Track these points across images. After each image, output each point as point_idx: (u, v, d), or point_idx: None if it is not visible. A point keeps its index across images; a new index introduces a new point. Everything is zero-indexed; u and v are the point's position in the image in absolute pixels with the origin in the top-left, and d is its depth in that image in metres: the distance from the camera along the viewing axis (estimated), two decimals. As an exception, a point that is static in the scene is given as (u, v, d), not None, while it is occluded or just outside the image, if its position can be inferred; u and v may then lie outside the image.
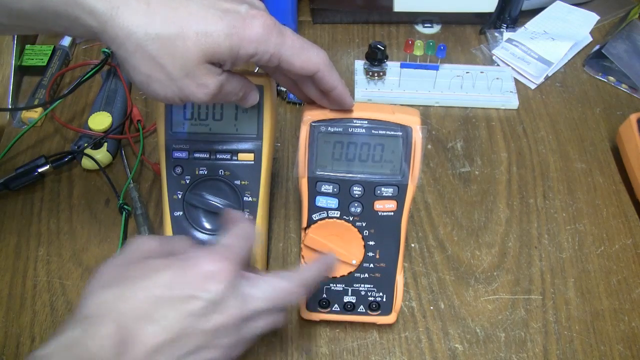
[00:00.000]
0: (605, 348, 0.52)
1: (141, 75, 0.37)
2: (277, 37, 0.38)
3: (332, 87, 0.42)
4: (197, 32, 0.35)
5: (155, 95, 0.38)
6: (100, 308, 0.34)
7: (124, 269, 0.36)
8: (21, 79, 0.70)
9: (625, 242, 0.59)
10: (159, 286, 0.35)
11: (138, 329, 0.34)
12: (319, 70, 0.40)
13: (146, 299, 0.35)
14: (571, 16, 0.79)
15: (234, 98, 0.41)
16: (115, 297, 0.35)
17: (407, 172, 0.45)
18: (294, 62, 0.39)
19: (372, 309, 0.50)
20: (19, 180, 0.59)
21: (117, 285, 0.35)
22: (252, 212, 0.49)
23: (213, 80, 0.37)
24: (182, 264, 0.36)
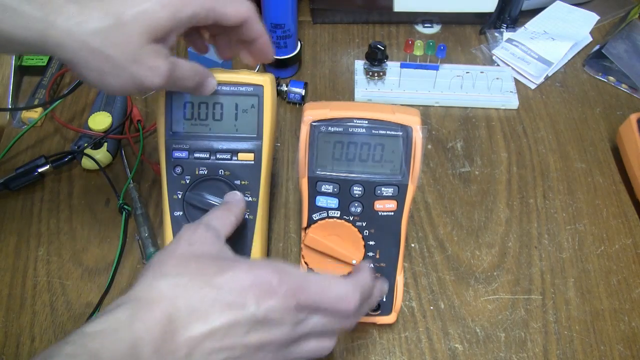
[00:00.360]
0: (605, 348, 0.52)
1: (92, 72, 0.37)
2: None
3: (259, 34, 0.44)
4: (133, 14, 0.36)
5: (110, 89, 0.38)
6: (154, 294, 0.34)
7: (183, 261, 0.36)
8: (21, 79, 0.70)
9: (625, 242, 0.59)
10: (213, 287, 0.35)
11: (186, 323, 0.33)
12: (249, 17, 0.42)
13: (201, 297, 0.34)
14: (571, 16, 0.79)
15: (190, 83, 0.42)
16: (171, 286, 0.34)
17: (407, 172, 0.45)
18: (227, 11, 0.40)
19: (372, 309, 0.50)
20: (19, 180, 0.59)
21: (176, 276, 0.35)
22: (252, 212, 0.49)
23: (163, 61, 0.38)
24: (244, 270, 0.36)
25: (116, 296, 0.53)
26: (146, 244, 0.55)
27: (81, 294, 0.53)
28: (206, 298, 0.34)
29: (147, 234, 0.56)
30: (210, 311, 0.34)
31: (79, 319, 0.51)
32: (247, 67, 0.49)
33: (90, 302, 0.53)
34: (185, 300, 0.34)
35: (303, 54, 0.74)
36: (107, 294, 0.53)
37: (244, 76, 0.47)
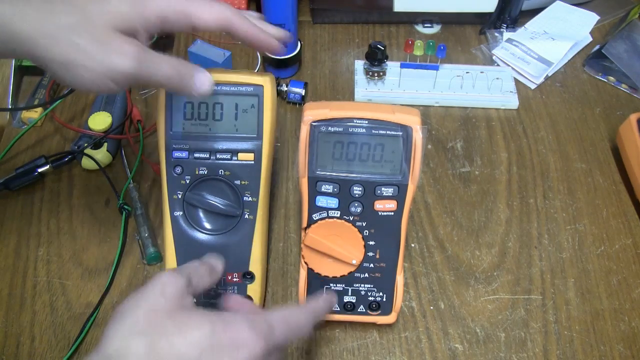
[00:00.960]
0: (605, 348, 0.52)
1: (62, 65, 0.37)
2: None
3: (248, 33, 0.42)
4: (99, 8, 0.37)
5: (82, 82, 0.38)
6: (128, 355, 0.33)
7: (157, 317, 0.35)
8: (21, 79, 0.70)
9: (625, 242, 0.59)
10: (191, 345, 0.34)
11: None
12: (232, 22, 0.41)
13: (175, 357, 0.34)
14: (571, 16, 0.79)
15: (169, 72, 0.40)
16: (142, 346, 0.33)
17: (407, 172, 0.45)
18: (205, 17, 0.40)
19: (372, 309, 0.50)
20: (19, 180, 0.59)
21: (148, 334, 0.34)
22: (252, 212, 0.49)
23: (130, 46, 0.38)
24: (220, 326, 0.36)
25: (116, 296, 0.53)
26: (146, 244, 0.55)
27: (81, 294, 0.53)
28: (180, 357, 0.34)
29: (147, 234, 0.56)
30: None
31: (79, 319, 0.51)
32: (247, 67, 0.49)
33: (90, 302, 0.53)
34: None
35: (303, 54, 0.74)
36: (107, 294, 0.53)
37: (244, 76, 0.47)
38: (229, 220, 0.49)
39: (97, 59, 0.37)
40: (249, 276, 0.50)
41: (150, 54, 0.39)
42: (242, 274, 0.50)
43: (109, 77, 0.38)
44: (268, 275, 0.55)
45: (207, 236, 0.49)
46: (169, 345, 0.34)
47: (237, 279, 0.50)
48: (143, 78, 0.39)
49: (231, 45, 0.75)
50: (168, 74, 0.40)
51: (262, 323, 0.37)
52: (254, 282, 0.50)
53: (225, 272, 0.49)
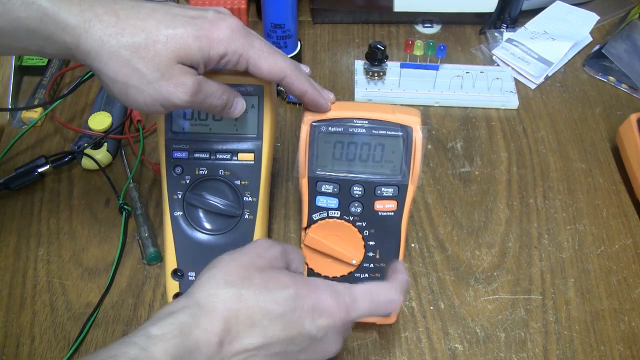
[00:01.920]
0: (605, 348, 0.52)
1: (118, 85, 0.38)
2: (245, 38, 0.39)
3: (302, 91, 0.43)
4: (166, 35, 0.37)
5: (134, 103, 0.39)
6: (217, 302, 0.36)
7: (248, 272, 0.37)
8: (21, 79, 0.70)
9: (625, 242, 0.59)
10: (275, 302, 0.37)
11: (244, 334, 0.35)
12: (287, 76, 0.41)
13: (259, 309, 0.36)
14: (571, 16, 0.79)
15: (217, 102, 0.41)
16: (232, 296, 0.36)
17: (408, 172, 0.45)
18: (261, 65, 0.40)
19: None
20: (19, 180, 0.59)
21: (237, 286, 0.36)
22: (252, 212, 0.49)
23: (190, 78, 0.38)
24: (305, 290, 0.38)
25: (116, 296, 0.53)
26: (146, 244, 0.55)
27: (81, 294, 0.53)
28: (268, 313, 0.36)
29: (147, 234, 0.56)
30: (269, 326, 0.36)
31: (79, 319, 0.51)
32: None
33: (91, 302, 0.53)
34: (247, 312, 0.36)
35: (303, 54, 0.74)
36: (107, 294, 0.53)
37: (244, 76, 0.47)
38: (229, 221, 0.49)
39: (154, 87, 0.38)
40: (249, 276, 0.50)
41: (204, 87, 0.40)
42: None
43: (161, 104, 0.39)
44: (268, 275, 0.55)
45: (207, 236, 0.49)
46: (255, 298, 0.36)
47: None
48: (192, 107, 0.40)
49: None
50: (215, 105, 0.42)
51: (346, 295, 0.39)
52: (254, 282, 0.50)
53: None
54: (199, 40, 0.38)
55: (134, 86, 0.38)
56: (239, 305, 0.36)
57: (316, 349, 0.38)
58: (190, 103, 0.39)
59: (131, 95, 0.38)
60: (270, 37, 0.68)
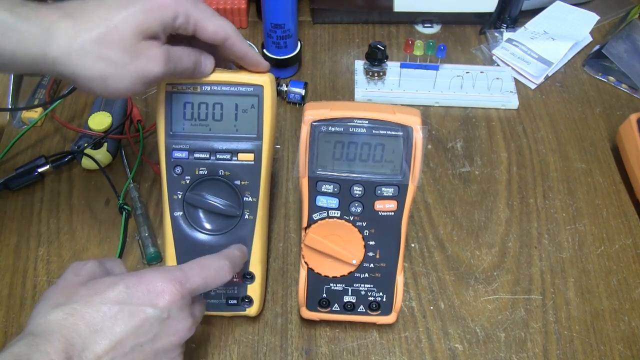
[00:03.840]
0: (605, 348, 0.52)
1: (95, 80, 0.39)
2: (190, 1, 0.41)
3: (244, 52, 0.45)
4: (122, 17, 0.39)
5: (117, 92, 0.40)
6: (49, 326, 0.35)
7: (72, 290, 0.37)
8: (21, 79, 0.70)
9: (625, 242, 0.59)
10: (109, 301, 0.36)
11: (88, 341, 0.35)
12: (230, 37, 0.43)
13: (96, 314, 0.36)
14: (571, 16, 0.79)
15: (187, 63, 0.43)
16: (65, 314, 0.35)
17: (408, 172, 0.45)
18: (207, 26, 0.42)
19: (372, 309, 0.50)
20: (19, 180, 0.59)
21: (66, 304, 0.36)
22: (252, 212, 0.49)
23: (157, 49, 0.40)
24: (134, 279, 0.38)
25: (116, 296, 0.53)
26: (146, 244, 0.55)
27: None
28: (106, 314, 0.36)
29: (147, 234, 0.56)
30: (113, 325, 0.36)
31: (79, 319, 0.51)
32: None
33: (90, 302, 0.52)
34: (85, 321, 0.35)
35: (303, 54, 0.74)
36: (107, 294, 0.53)
37: (244, 76, 0.47)
38: (229, 221, 0.49)
39: (129, 69, 0.39)
40: (249, 276, 0.50)
41: (173, 52, 0.42)
42: (242, 274, 0.50)
43: (141, 83, 0.40)
44: (268, 275, 0.55)
45: (207, 236, 0.49)
46: (88, 306, 0.36)
47: (237, 279, 0.50)
48: (169, 75, 0.42)
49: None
50: (188, 66, 0.43)
51: (174, 271, 0.40)
52: (254, 282, 0.50)
53: None
54: (151, 12, 0.39)
55: (110, 75, 0.39)
56: (74, 318, 0.35)
57: (168, 331, 0.38)
58: (165, 72, 0.41)
59: (111, 85, 0.39)
60: (270, 37, 0.68)
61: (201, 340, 0.51)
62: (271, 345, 0.51)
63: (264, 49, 0.70)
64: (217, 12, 0.43)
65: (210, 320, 0.52)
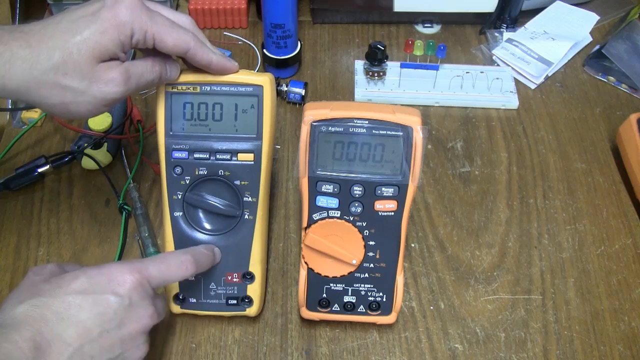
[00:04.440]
0: (605, 348, 0.52)
1: (56, 107, 0.40)
2: (146, 14, 0.41)
3: (207, 61, 0.44)
4: (75, 43, 0.38)
5: (79, 115, 0.41)
6: (16, 317, 0.36)
7: (36, 287, 0.39)
8: (21, 79, 0.70)
9: (625, 242, 0.59)
10: (71, 292, 0.38)
11: (55, 334, 0.36)
12: (190, 48, 0.43)
13: (60, 304, 0.37)
14: (571, 16, 0.79)
15: (152, 76, 0.43)
16: (30, 306, 0.37)
17: (408, 172, 0.45)
18: (166, 39, 0.41)
19: (372, 309, 0.50)
20: (19, 180, 0.59)
21: (32, 297, 0.38)
22: (252, 212, 0.49)
23: (115, 71, 0.40)
24: (95, 271, 0.40)
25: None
26: (146, 244, 0.55)
27: None
28: (70, 303, 0.37)
29: (147, 234, 0.56)
30: (78, 313, 0.37)
31: (79, 319, 0.51)
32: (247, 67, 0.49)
33: (90, 302, 0.52)
34: (52, 312, 0.37)
35: (303, 54, 0.74)
36: (107, 294, 0.53)
37: (244, 76, 0.47)
38: (228, 221, 0.49)
39: (87, 94, 0.39)
40: (249, 276, 0.50)
41: (131, 70, 0.41)
42: (242, 274, 0.50)
43: (102, 105, 0.41)
44: (268, 275, 0.55)
45: (207, 236, 0.49)
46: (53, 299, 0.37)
47: (237, 279, 0.50)
48: (132, 92, 0.42)
49: (230, 45, 0.75)
50: (151, 79, 0.43)
51: (134, 262, 0.42)
52: (254, 282, 0.50)
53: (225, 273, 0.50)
54: (107, 33, 0.39)
55: (70, 102, 0.39)
56: (40, 309, 0.37)
57: (131, 317, 0.40)
58: (126, 91, 0.41)
59: (72, 110, 0.40)
60: (270, 37, 0.68)
61: (201, 340, 0.51)
62: (271, 345, 0.51)
63: (264, 49, 0.70)
64: (175, 23, 0.43)
65: (210, 320, 0.52)
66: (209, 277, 0.50)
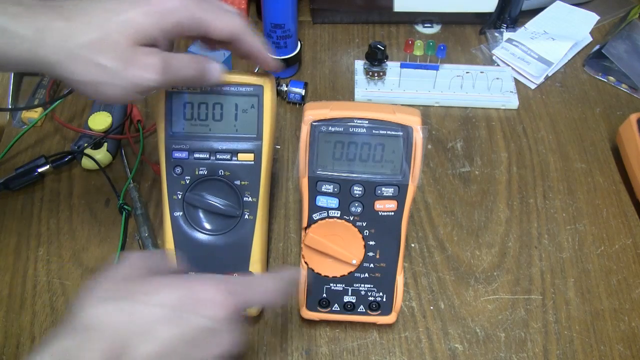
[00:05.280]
0: (605, 348, 0.52)
1: (88, 85, 0.37)
2: (195, 1, 0.39)
3: (253, 50, 0.43)
4: (117, 22, 0.37)
5: (109, 98, 0.38)
6: (97, 321, 0.34)
7: (124, 284, 0.36)
8: (21, 79, 0.70)
9: (625, 242, 0.59)
10: (159, 305, 0.35)
11: (132, 345, 0.33)
12: (239, 34, 0.41)
13: (145, 316, 0.34)
14: (571, 16, 0.79)
15: (190, 72, 0.41)
16: (113, 311, 0.34)
17: (408, 172, 0.45)
18: (215, 25, 0.40)
19: (372, 309, 0.50)
20: (19, 180, 0.59)
21: (117, 299, 0.35)
22: (252, 212, 0.49)
23: (154, 57, 0.38)
24: (187, 285, 0.36)
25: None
26: (146, 244, 0.55)
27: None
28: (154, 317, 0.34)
29: (147, 234, 0.56)
30: (161, 329, 0.34)
31: (79, 319, 0.51)
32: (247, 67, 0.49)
33: (90, 302, 0.52)
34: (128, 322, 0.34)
35: (303, 54, 0.74)
36: (107, 294, 0.53)
37: (244, 76, 0.47)
38: (229, 221, 0.49)
39: (122, 76, 0.37)
40: (249, 276, 0.50)
41: (171, 61, 0.39)
42: (242, 274, 0.50)
43: (135, 91, 0.38)
44: (268, 275, 0.55)
45: (207, 236, 0.49)
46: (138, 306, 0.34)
47: (237, 279, 0.50)
48: (167, 85, 0.40)
49: (231, 45, 0.75)
50: (189, 76, 0.41)
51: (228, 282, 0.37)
52: (254, 282, 0.50)
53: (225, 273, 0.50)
54: (151, 17, 0.37)
55: (103, 82, 0.37)
56: (122, 317, 0.34)
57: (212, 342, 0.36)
58: (163, 81, 0.39)
59: (103, 91, 0.38)
60: (270, 37, 0.68)
61: (201, 340, 0.51)
62: (271, 345, 0.51)
63: (264, 49, 0.70)
64: (223, 7, 0.41)
65: (210, 320, 0.52)
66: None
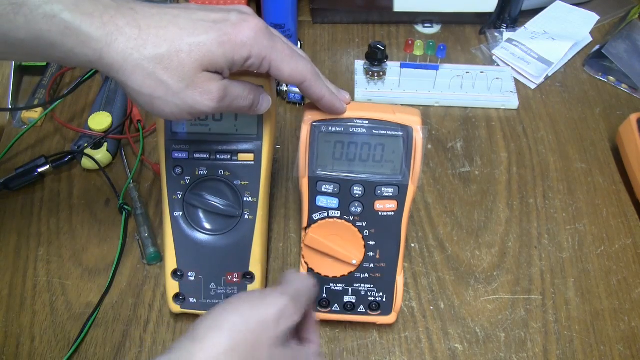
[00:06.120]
0: (605, 348, 0.52)
1: (144, 97, 0.37)
2: (268, 40, 0.39)
3: (319, 97, 0.43)
4: (189, 44, 0.36)
5: (161, 113, 0.38)
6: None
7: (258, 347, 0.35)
8: (21, 79, 0.70)
9: (625, 242, 0.59)
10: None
11: None
12: (306, 80, 0.41)
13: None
14: (571, 16, 0.79)
15: (244, 103, 0.41)
16: None
17: (408, 172, 0.45)
18: (283, 68, 0.40)
19: (372, 309, 0.50)
20: (19, 180, 0.59)
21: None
22: (252, 212, 0.49)
23: (215, 85, 0.38)
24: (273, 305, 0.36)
25: (116, 296, 0.53)
26: (146, 244, 0.55)
27: (81, 294, 0.53)
28: None
29: (147, 234, 0.56)
30: None
31: (79, 319, 0.51)
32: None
33: (91, 302, 0.53)
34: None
35: (303, 54, 0.74)
36: (107, 294, 0.53)
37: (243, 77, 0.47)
38: (229, 221, 0.49)
39: (180, 97, 0.37)
40: (249, 276, 0.50)
41: (230, 91, 0.39)
42: (242, 274, 0.50)
43: (188, 112, 0.38)
44: (268, 276, 0.55)
45: (207, 236, 0.49)
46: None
47: (237, 279, 0.50)
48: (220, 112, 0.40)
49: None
50: (242, 106, 0.41)
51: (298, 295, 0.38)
52: (254, 282, 0.50)
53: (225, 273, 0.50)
54: (223, 46, 0.37)
55: (159, 98, 0.37)
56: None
57: None
58: (217, 109, 0.39)
59: (157, 106, 0.38)
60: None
61: (201, 340, 0.51)
62: (271, 345, 0.51)
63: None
64: (296, 51, 0.41)
65: (210, 320, 0.52)
66: (209, 277, 0.50)
